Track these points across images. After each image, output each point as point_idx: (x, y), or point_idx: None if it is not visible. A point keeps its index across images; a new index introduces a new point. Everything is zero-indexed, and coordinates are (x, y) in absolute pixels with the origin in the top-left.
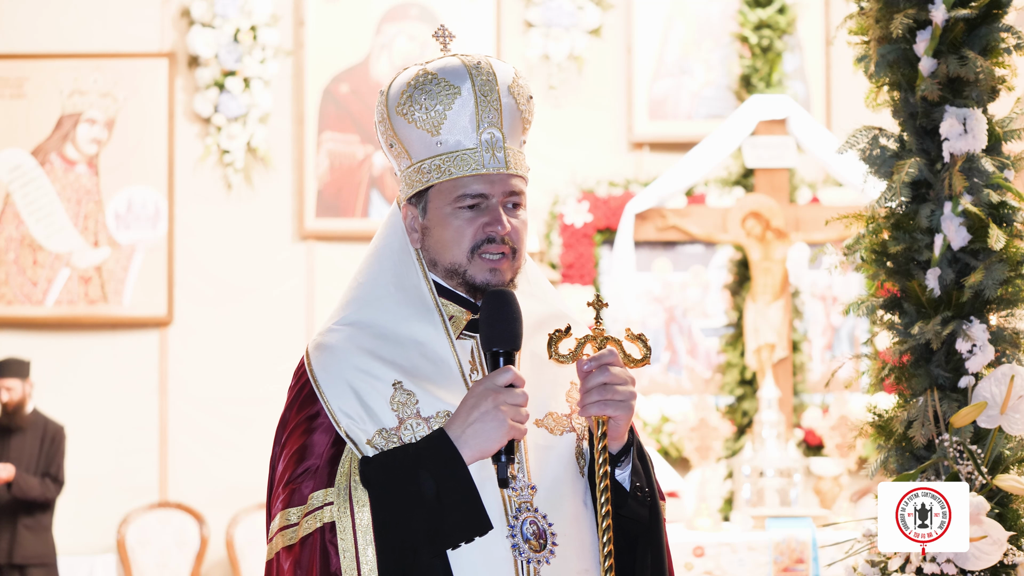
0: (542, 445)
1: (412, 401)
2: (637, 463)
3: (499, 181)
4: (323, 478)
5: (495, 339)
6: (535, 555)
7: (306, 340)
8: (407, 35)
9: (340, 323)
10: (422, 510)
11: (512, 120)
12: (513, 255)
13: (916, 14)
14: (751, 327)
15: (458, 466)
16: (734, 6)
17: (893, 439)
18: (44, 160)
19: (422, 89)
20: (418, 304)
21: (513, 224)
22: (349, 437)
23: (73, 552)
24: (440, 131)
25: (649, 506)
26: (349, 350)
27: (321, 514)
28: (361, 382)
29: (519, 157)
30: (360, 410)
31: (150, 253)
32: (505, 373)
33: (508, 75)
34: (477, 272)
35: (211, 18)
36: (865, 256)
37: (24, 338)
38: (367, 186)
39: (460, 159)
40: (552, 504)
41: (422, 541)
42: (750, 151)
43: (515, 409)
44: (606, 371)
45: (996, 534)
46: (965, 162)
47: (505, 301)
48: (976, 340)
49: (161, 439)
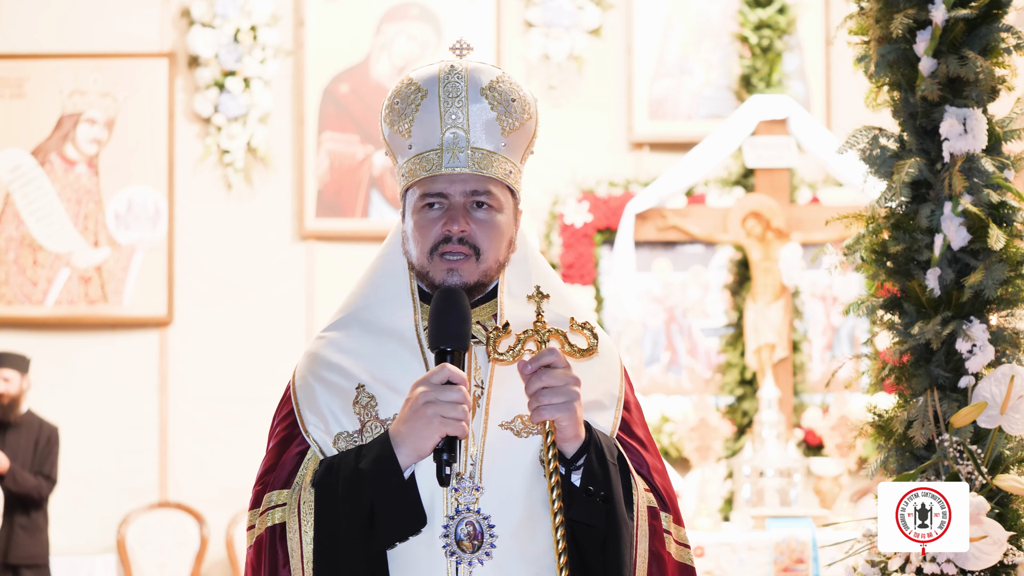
0: (501, 448)
1: (372, 404)
2: (596, 467)
3: (460, 181)
4: (280, 480)
5: (442, 338)
6: (466, 556)
7: (306, 340)
8: (407, 35)
9: (329, 328)
10: (357, 510)
11: (482, 121)
12: (477, 255)
13: (916, 14)
14: (751, 327)
15: (389, 466)
16: (734, 6)
17: (893, 439)
18: (44, 160)
19: (399, 95)
20: (400, 306)
21: (474, 225)
22: (314, 440)
23: (73, 552)
24: (411, 135)
25: (607, 513)
26: (326, 355)
27: (272, 515)
28: (329, 387)
29: (490, 158)
30: (326, 414)
31: (150, 253)
32: (440, 371)
33: (487, 78)
34: (436, 272)
35: (211, 18)
36: (865, 256)
37: (24, 338)
38: (367, 186)
39: (424, 160)
40: (499, 506)
41: (357, 540)
42: (750, 151)
43: (450, 406)
44: (543, 374)
45: (996, 534)
46: (965, 162)
47: (452, 299)
48: (976, 340)
49: (161, 439)
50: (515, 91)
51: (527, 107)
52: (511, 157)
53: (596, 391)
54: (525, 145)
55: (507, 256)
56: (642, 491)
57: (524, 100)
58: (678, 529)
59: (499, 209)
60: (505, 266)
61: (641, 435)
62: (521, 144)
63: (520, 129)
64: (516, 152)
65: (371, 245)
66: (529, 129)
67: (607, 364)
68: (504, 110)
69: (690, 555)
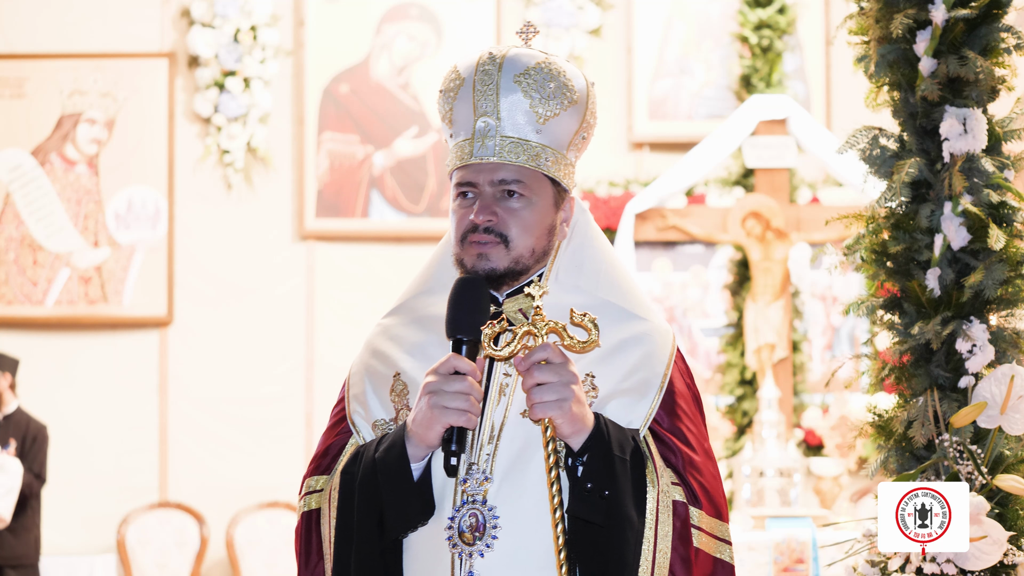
0: (519, 438)
1: (405, 392)
2: (598, 463)
3: (488, 170)
4: (321, 466)
5: (458, 327)
6: (466, 548)
7: (306, 340)
8: (407, 35)
9: (386, 314)
10: (371, 500)
11: (514, 109)
12: (506, 243)
13: (916, 14)
14: (751, 327)
15: (399, 456)
16: (734, 6)
17: (893, 439)
18: (44, 160)
19: (445, 83)
20: (444, 294)
21: (503, 213)
22: (356, 427)
23: (73, 552)
24: (452, 123)
25: (607, 510)
26: (375, 342)
27: (309, 500)
28: (373, 374)
29: (522, 146)
30: (367, 400)
31: (150, 253)
32: (447, 361)
33: (523, 64)
34: (468, 258)
35: (211, 18)
36: (865, 256)
37: (24, 338)
38: (367, 186)
39: (459, 149)
40: (507, 498)
41: (370, 530)
42: (750, 151)
43: (452, 397)
44: (537, 370)
45: (996, 534)
46: (965, 162)
47: (469, 289)
48: (976, 340)
49: (161, 439)
50: (556, 77)
51: (569, 93)
52: (550, 144)
53: (632, 379)
54: (571, 132)
55: (548, 245)
56: (666, 486)
57: (566, 86)
58: (715, 523)
59: (531, 198)
60: (550, 254)
61: (684, 427)
62: (563, 131)
63: (560, 116)
64: (557, 139)
65: (371, 245)
66: (574, 116)
67: (652, 352)
68: (540, 96)
69: (730, 551)
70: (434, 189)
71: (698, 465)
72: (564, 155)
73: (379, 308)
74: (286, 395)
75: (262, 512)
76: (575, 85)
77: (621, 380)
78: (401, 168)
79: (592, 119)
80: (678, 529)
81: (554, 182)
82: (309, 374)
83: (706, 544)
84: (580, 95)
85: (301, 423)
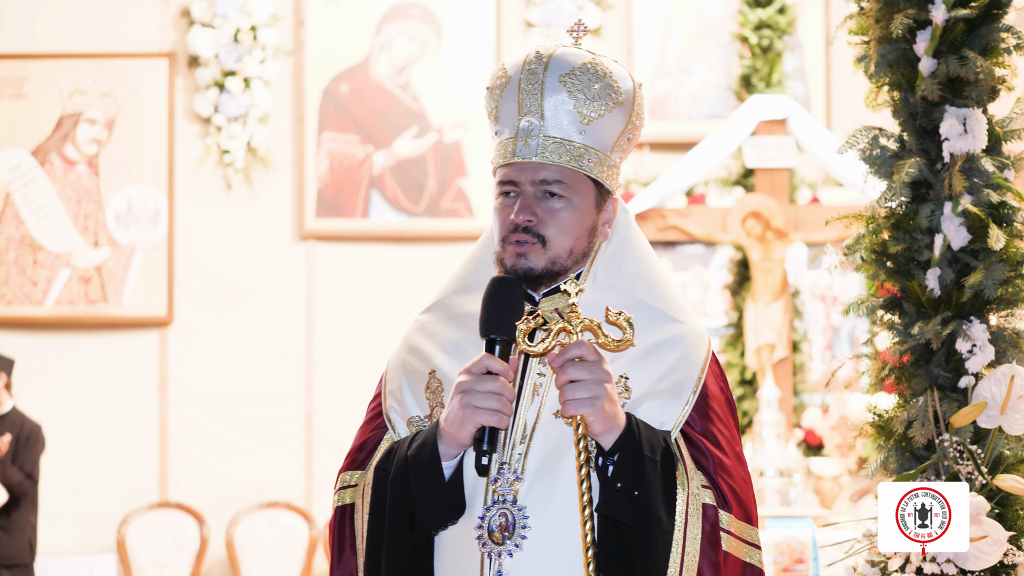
0: (551, 437)
1: (440, 390)
2: (629, 462)
3: (529, 169)
4: (357, 461)
5: (491, 326)
6: (496, 547)
7: (306, 340)
8: (407, 35)
9: (424, 311)
10: (402, 497)
11: (557, 109)
12: (543, 243)
13: (916, 14)
14: (751, 327)
15: (430, 454)
16: (734, 6)
17: (893, 439)
18: (44, 160)
19: (492, 80)
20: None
21: (542, 213)
22: (391, 423)
23: (73, 552)
24: (498, 120)
25: (635, 510)
26: (412, 339)
27: (343, 495)
28: (409, 370)
29: (564, 147)
30: (403, 396)
31: (150, 253)
32: (479, 361)
33: (569, 65)
34: (507, 257)
35: (211, 18)
36: (865, 256)
37: (24, 338)
38: (367, 186)
39: (502, 147)
40: (537, 497)
41: (401, 527)
42: (750, 151)
43: (483, 396)
44: (571, 367)
45: (996, 534)
46: (965, 162)
47: (503, 289)
48: (976, 340)
49: (161, 439)
50: (602, 78)
51: (615, 95)
52: (594, 146)
53: (666, 381)
54: (616, 133)
55: (588, 245)
56: (696, 488)
57: (612, 87)
58: (744, 527)
59: (572, 199)
60: (590, 255)
61: (716, 431)
62: (608, 132)
63: (604, 117)
64: (601, 140)
65: (371, 245)
66: (619, 117)
67: (686, 355)
68: (584, 97)
69: (759, 555)
70: (434, 189)
71: (729, 469)
72: (608, 156)
73: (379, 308)
74: (286, 395)
75: (262, 512)
76: (621, 86)
77: (655, 382)
78: (401, 168)
79: (638, 121)
80: (707, 532)
81: (597, 183)
82: (309, 374)
83: (735, 548)
84: (626, 96)
85: (301, 423)
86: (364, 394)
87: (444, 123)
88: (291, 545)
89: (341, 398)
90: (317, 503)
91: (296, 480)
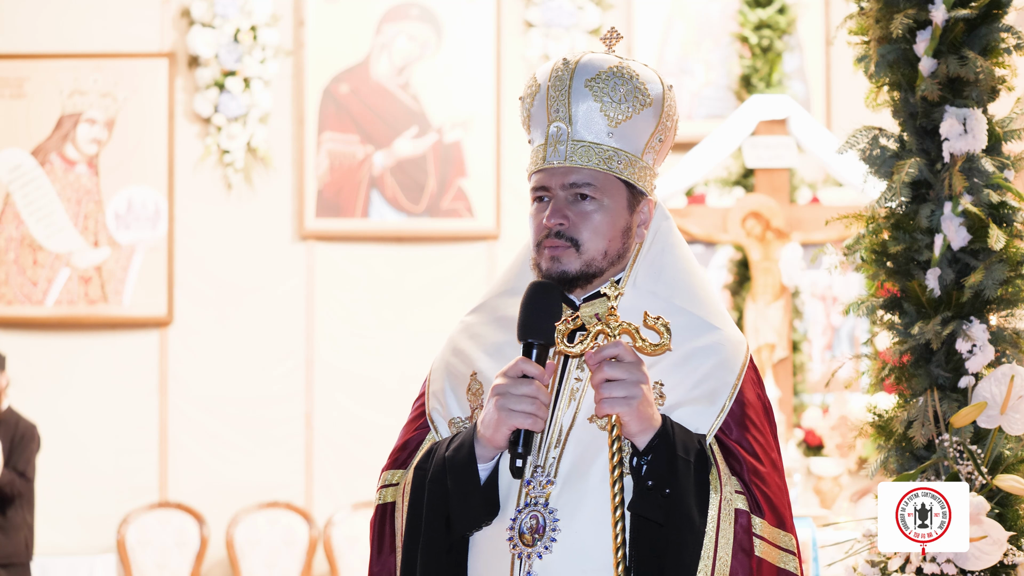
0: (584, 441)
1: (480, 392)
2: (662, 462)
3: (559, 174)
4: (398, 460)
5: (528, 330)
6: (526, 549)
7: (306, 340)
8: (407, 35)
9: (469, 312)
10: (439, 497)
11: (586, 113)
12: (577, 247)
13: (916, 14)
14: (751, 327)
15: (467, 456)
16: (734, 6)
17: (893, 439)
18: (44, 160)
19: (525, 91)
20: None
21: (574, 217)
22: (433, 424)
23: (73, 552)
24: (530, 129)
25: (668, 510)
26: (456, 340)
27: (384, 494)
28: (451, 372)
29: (593, 150)
30: (445, 397)
31: (150, 253)
32: (516, 365)
33: (596, 69)
34: (543, 262)
35: (211, 18)
36: (865, 256)
37: (24, 338)
38: (367, 186)
39: (535, 154)
40: (568, 500)
41: (437, 527)
42: (750, 151)
43: (518, 400)
44: (607, 366)
45: (996, 534)
46: (965, 162)
47: (541, 293)
48: (976, 340)
49: (161, 439)
50: (628, 81)
51: (642, 96)
52: (623, 148)
53: (702, 388)
54: (646, 135)
55: (623, 248)
56: (729, 493)
57: (639, 89)
58: (777, 533)
59: (603, 201)
60: (626, 257)
61: (752, 438)
62: (637, 134)
63: (633, 119)
64: (631, 142)
65: (371, 245)
66: (648, 119)
67: (723, 362)
68: (611, 100)
69: (794, 562)
70: (434, 189)
71: (763, 475)
72: (639, 158)
73: (379, 308)
74: (286, 395)
75: (262, 512)
76: (649, 88)
77: (691, 389)
78: (401, 168)
79: (669, 122)
80: (739, 537)
81: (628, 185)
82: (309, 374)
83: (768, 554)
84: (655, 98)
85: (301, 423)
86: (364, 394)
87: (444, 123)
88: (291, 545)
89: (341, 398)
90: (317, 503)
91: (296, 480)
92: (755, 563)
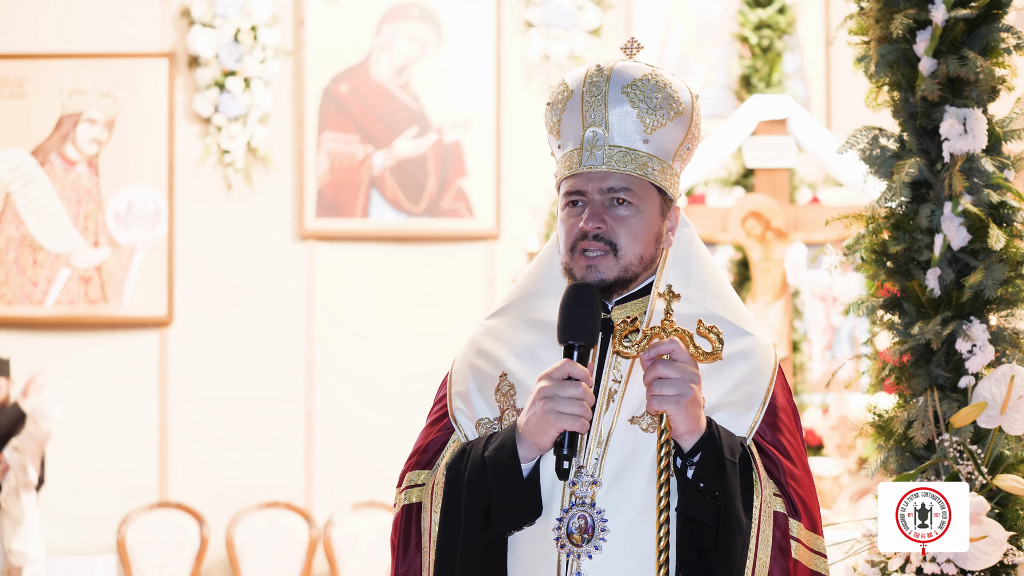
0: (627, 442)
1: (512, 393)
2: (710, 463)
3: (597, 178)
4: (423, 461)
5: (569, 333)
6: (575, 549)
7: (306, 340)
8: (407, 35)
9: (491, 315)
10: (478, 497)
11: (622, 119)
12: (615, 252)
13: (916, 14)
14: None
15: (510, 457)
16: (734, 6)
17: (893, 439)
18: (44, 160)
19: (553, 96)
20: (551, 299)
21: (612, 221)
22: (458, 425)
23: (73, 552)
24: (560, 134)
25: (717, 510)
26: (480, 342)
27: (410, 494)
28: (477, 373)
29: (630, 156)
30: (472, 399)
31: (150, 253)
32: (561, 367)
33: (631, 76)
34: (577, 268)
35: (211, 18)
36: (865, 256)
37: (24, 338)
38: (367, 186)
39: (568, 159)
40: (615, 501)
41: (476, 526)
42: (750, 151)
43: (566, 402)
44: (661, 365)
45: (996, 534)
46: (965, 162)
47: (582, 295)
48: (976, 340)
49: (161, 439)
50: (662, 89)
51: (675, 104)
52: (657, 154)
53: (738, 392)
54: (677, 142)
55: (655, 253)
56: (768, 496)
57: (672, 97)
58: (812, 536)
59: (639, 206)
60: (657, 263)
61: (785, 441)
62: (669, 141)
63: (666, 126)
64: (664, 149)
65: (371, 245)
66: (680, 126)
67: (756, 367)
68: (647, 107)
69: (825, 565)
70: (434, 189)
71: (798, 478)
72: (670, 165)
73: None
74: (286, 395)
75: (262, 512)
76: (681, 97)
77: (727, 393)
78: (401, 168)
79: (696, 131)
80: (778, 539)
81: (660, 191)
82: (309, 374)
83: (803, 556)
84: (686, 106)
85: (301, 423)
86: (364, 394)
87: (444, 123)
88: (291, 545)
89: (341, 398)
90: (317, 503)
91: (296, 480)
92: (792, 564)
